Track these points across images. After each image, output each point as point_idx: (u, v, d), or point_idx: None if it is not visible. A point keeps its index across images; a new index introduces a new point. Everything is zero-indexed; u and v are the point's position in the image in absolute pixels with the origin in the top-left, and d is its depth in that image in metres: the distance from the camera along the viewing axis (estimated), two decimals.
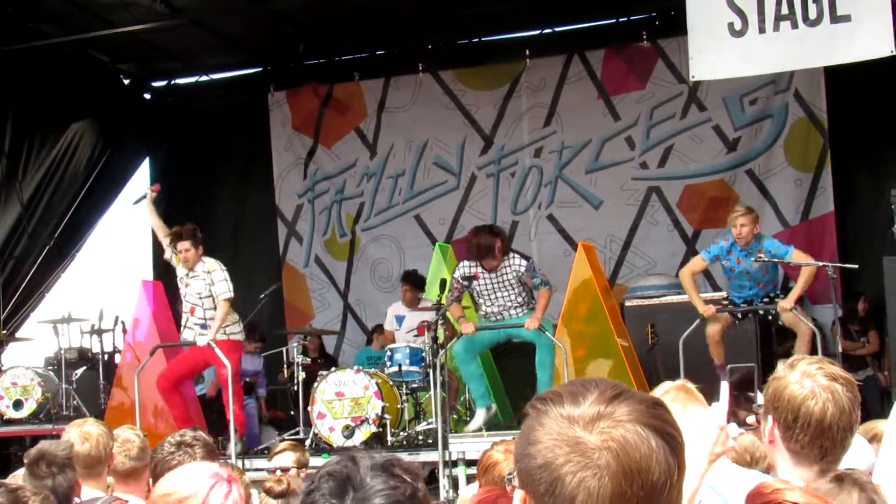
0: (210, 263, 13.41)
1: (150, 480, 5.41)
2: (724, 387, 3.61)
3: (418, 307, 14.95)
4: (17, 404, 15.18)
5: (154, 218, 14.29)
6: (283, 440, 14.47)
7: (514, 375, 13.94)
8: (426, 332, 12.85)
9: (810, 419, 3.47)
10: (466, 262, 13.12)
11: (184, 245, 13.34)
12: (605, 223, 18.31)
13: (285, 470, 6.78)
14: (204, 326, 13.41)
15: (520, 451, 1.96)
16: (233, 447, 12.74)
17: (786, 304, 12.38)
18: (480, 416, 13.14)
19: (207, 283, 13.30)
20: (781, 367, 3.61)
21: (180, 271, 13.62)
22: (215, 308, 13.31)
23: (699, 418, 3.73)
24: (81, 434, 6.56)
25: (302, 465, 7.34)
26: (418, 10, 18.09)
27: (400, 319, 15.54)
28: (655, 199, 18.19)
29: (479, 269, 12.92)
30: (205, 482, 3.80)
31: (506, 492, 3.34)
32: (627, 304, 15.21)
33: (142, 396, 13.51)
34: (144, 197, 14.33)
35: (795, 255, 12.40)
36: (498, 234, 13.28)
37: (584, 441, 1.90)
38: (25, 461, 6.19)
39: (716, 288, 15.49)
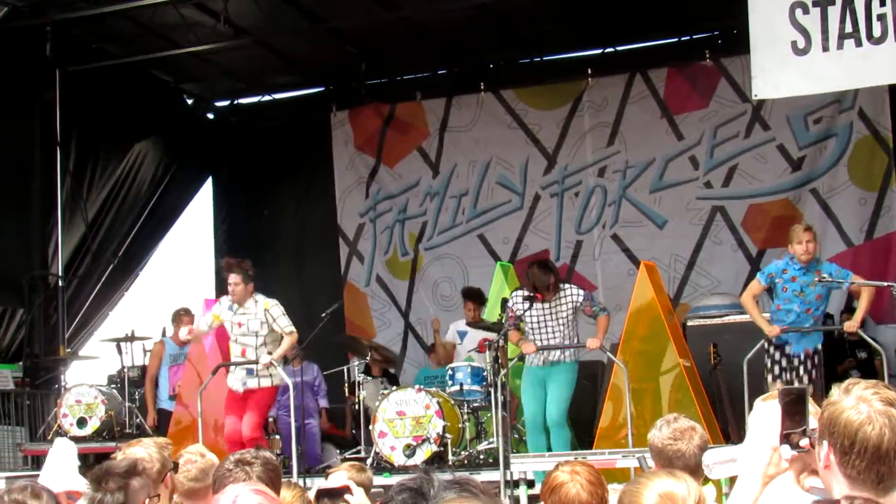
0: (266, 301, 13.28)
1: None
2: (778, 408, 3.55)
3: (480, 325, 14.89)
4: (81, 422, 15.27)
5: (199, 334, 14.14)
6: (345, 459, 14.50)
7: (574, 404, 13.84)
8: (487, 351, 12.79)
9: (867, 445, 3.40)
10: (522, 291, 13.02)
11: (233, 279, 13.22)
12: (669, 243, 18.23)
13: (340, 491, 6.73)
14: (251, 373, 13.31)
15: None
16: (296, 464, 12.73)
17: (852, 325, 12.22)
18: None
19: (263, 320, 13.18)
20: (836, 391, 3.55)
21: (227, 314, 13.46)
22: (265, 344, 13.20)
23: (755, 439, 3.67)
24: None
25: (360, 484, 7.30)
26: (479, 29, 18.09)
27: (462, 335, 15.49)
28: (720, 219, 18.09)
29: (538, 293, 12.82)
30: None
31: None
32: (690, 323, 15.10)
33: (203, 413, 13.54)
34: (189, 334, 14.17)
35: (854, 286, 12.25)
36: (551, 270, 13.16)
37: None
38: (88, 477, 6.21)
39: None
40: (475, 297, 15.64)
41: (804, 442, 3.55)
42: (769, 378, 12.24)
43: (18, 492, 3.62)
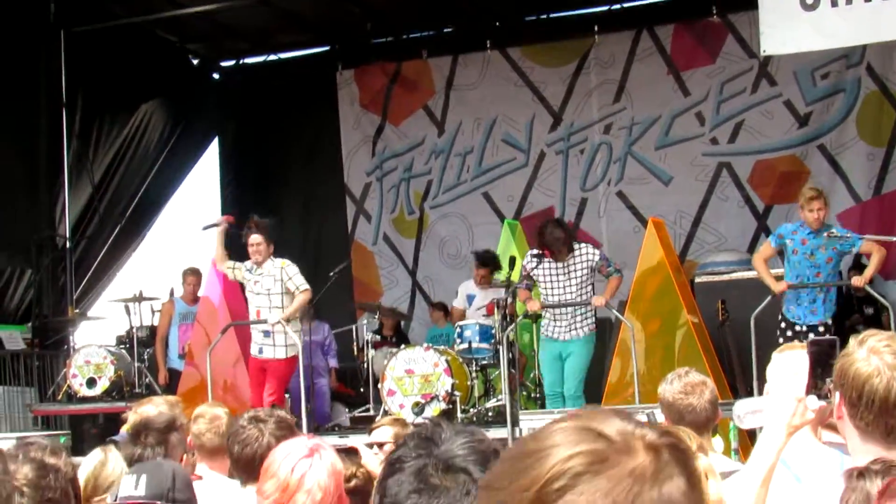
0: (282, 260, 13.34)
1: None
2: (805, 358, 3.56)
3: (489, 286, 14.90)
4: (91, 382, 15.30)
5: (219, 248, 14.06)
6: (354, 418, 14.57)
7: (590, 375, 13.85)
8: (496, 310, 12.82)
9: (874, 397, 3.41)
10: (533, 251, 13.07)
11: (256, 239, 13.22)
12: (675, 199, 18.21)
13: (381, 445, 6.76)
14: (267, 335, 13.34)
15: None
16: (305, 422, 12.78)
17: (860, 280, 12.21)
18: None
19: (279, 278, 13.21)
20: (852, 342, 3.56)
21: (248, 274, 13.49)
22: (281, 306, 13.24)
23: (779, 390, 3.68)
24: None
25: (400, 438, 7.31)
26: None
27: (471, 298, 15.47)
28: (726, 175, 18.07)
29: (548, 253, 12.84)
30: (289, 459, 4.18)
31: None
32: (697, 280, 15.08)
33: (213, 373, 13.60)
34: (216, 225, 14.10)
35: (865, 246, 12.20)
36: (564, 227, 13.21)
37: (643, 462, 1.74)
38: (127, 428, 6.25)
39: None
40: (489, 263, 15.54)
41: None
42: None
43: (36, 450, 3.63)
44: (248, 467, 5.04)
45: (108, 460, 5.49)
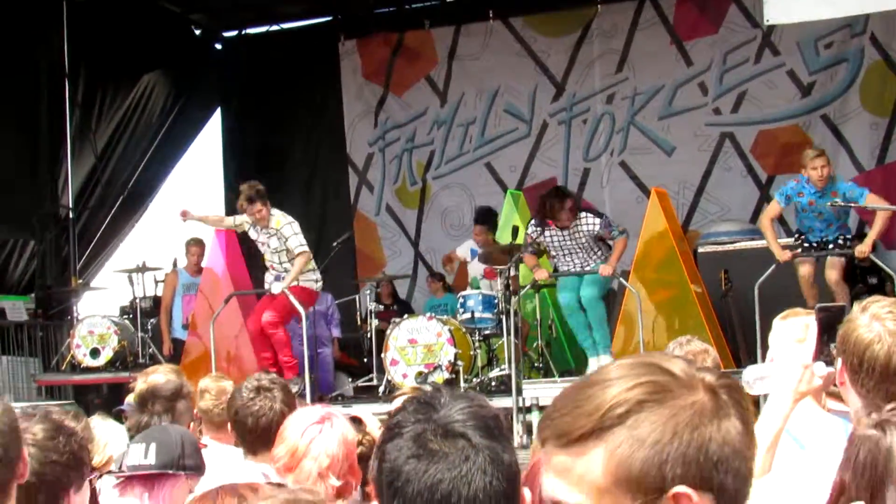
0: (277, 219, 13.32)
1: (229, 427, 5.44)
2: (813, 326, 3.57)
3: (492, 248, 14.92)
4: (94, 352, 15.32)
5: (207, 219, 14.11)
6: (357, 388, 14.60)
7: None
8: (498, 277, 12.83)
9: (874, 363, 3.40)
10: (535, 221, 13.13)
11: (256, 207, 13.23)
12: (677, 169, 18.19)
13: None
14: (278, 278, 13.42)
15: (651, 457, 1.86)
16: (308, 392, 12.81)
17: (863, 248, 12.21)
18: (593, 366, 13.02)
19: (279, 238, 13.27)
20: (856, 308, 3.56)
21: (253, 231, 13.53)
22: (290, 261, 13.31)
23: (784, 356, 3.69)
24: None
25: None
26: None
27: (474, 253, 15.45)
28: (729, 145, 18.05)
29: (551, 221, 12.86)
30: (299, 425, 4.27)
31: None
32: (700, 250, 15.10)
33: (216, 343, 13.62)
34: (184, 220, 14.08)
35: (870, 199, 12.15)
36: (567, 196, 13.23)
37: (702, 399, 1.87)
38: (134, 397, 6.26)
39: (790, 234, 15.33)
40: (487, 220, 15.57)
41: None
42: None
43: (58, 413, 3.64)
44: (264, 437, 5.05)
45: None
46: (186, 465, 4.87)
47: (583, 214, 13.02)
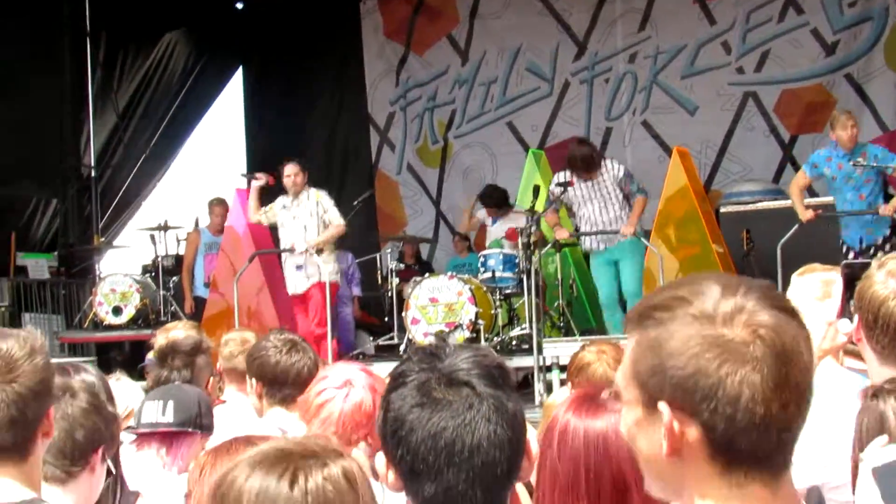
0: (316, 192, 13.21)
1: (254, 381, 5.43)
2: (837, 282, 3.56)
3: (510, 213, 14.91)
4: (117, 310, 15.38)
5: (254, 201, 13.90)
6: (378, 347, 14.62)
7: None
8: (519, 238, 12.81)
9: (889, 320, 3.38)
10: (561, 173, 13.03)
11: (292, 169, 13.07)
12: (700, 129, 18.12)
13: None
14: (300, 268, 13.29)
15: (653, 366, 1.91)
16: (330, 352, 12.80)
17: (888, 209, 12.11)
18: None
19: (314, 212, 13.12)
20: (874, 264, 3.54)
21: (283, 211, 13.34)
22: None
23: (810, 313, 3.67)
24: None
25: None
26: None
27: (493, 219, 15.46)
28: (752, 105, 17.96)
29: (574, 178, 12.80)
30: (321, 384, 4.21)
31: (606, 386, 3.33)
32: (723, 210, 15.06)
33: (238, 300, 13.63)
34: (257, 180, 13.84)
35: None
36: (590, 145, 13.20)
37: (731, 337, 1.86)
38: (154, 353, 6.28)
39: (812, 194, 15.24)
40: (492, 200, 15.52)
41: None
42: None
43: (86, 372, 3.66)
44: (303, 389, 5.04)
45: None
46: (203, 424, 4.91)
47: (606, 161, 12.92)
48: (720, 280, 1.93)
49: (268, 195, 13.70)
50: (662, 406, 1.90)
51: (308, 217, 13.13)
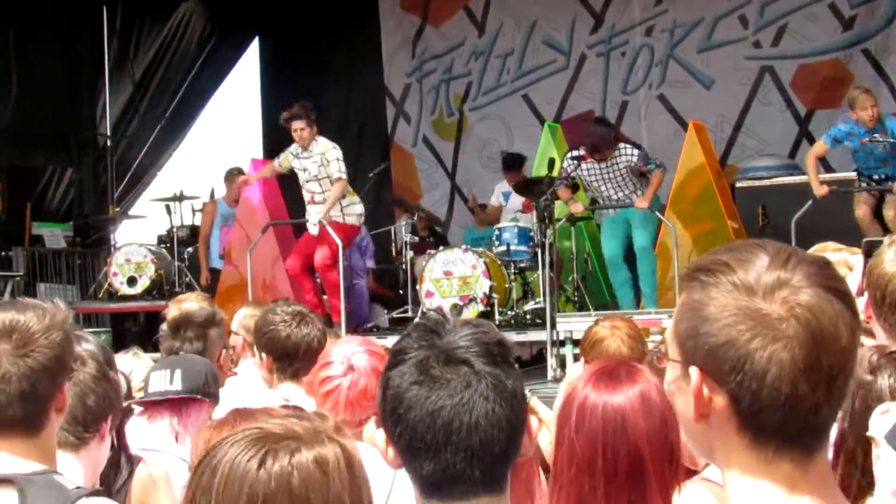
0: (324, 143, 13.07)
1: (263, 355, 5.43)
2: (859, 260, 3.55)
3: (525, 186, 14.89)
4: (131, 281, 15.39)
5: (265, 175, 13.92)
6: (392, 319, 14.62)
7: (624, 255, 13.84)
8: (534, 210, 12.79)
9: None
10: (574, 151, 13.01)
11: (298, 124, 13.02)
12: (716, 103, 18.03)
13: None
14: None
15: (690, 328, 1.91)
16: (343, 327, 12.81)
17: None
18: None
19: (320, 164, 13.07)
20: (885, 241, 3.53)
21: (296, 161, 13.32)
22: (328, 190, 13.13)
23: None
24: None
25: None
26: None
27: (506, 196, 15.48)
28: (768, 79, 17.88)
29: (587, 153, 12.78)
30: (325, 370, 4.22)
31: (625, 361, 3.34)
32: (738, 185, 15.04)
33: (252, 272, 13.63)
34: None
35: None
36: (610, 125, 13.19)
37: (767, 312, 1.85)
38: (167, 324, 6.29)
39: (828, 169, 15.20)
40: (515, 165, 15.57)
41: None
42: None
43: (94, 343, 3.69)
44: (311, 362, 5.04)
45: None
46: (210, 393, 4.94)
47: (621, 146, 12.92)
48: (771, 250, 1.92)
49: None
50: (693, 370, 1.90)
51: (317, 169, 13.08)
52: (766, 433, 1.88)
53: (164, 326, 6.82)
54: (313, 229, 13.06)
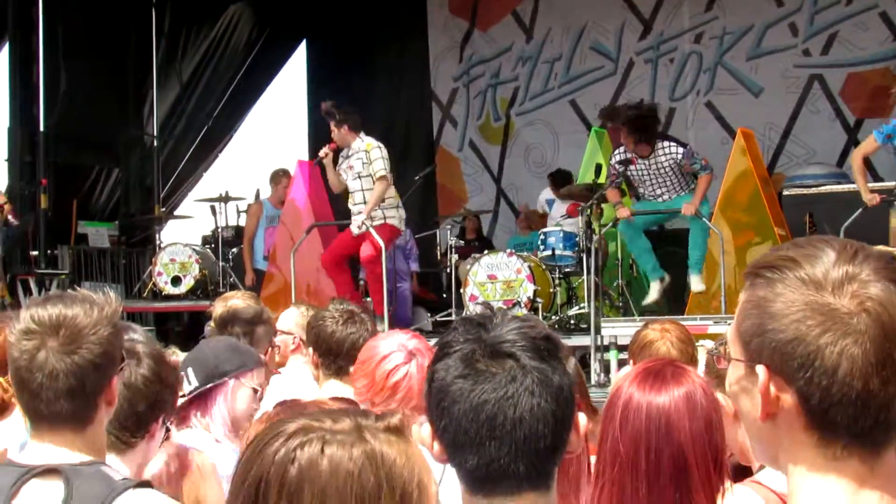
0: (368, 141, 12.95)
1: (311, 350, 5.43)
2: None
3: (570, 193, 14.83)
4: (176, 280, 15.43)
5: (332, 176, 13.75)
6: (436, 322, 14.60)
7: (667, 262, 13.77)
8: (580, 215, 12.74)
9: None
10: (621, 149, 12.86)
11: (331, 127, 13.05)
12: (764, 111, 17.97)
13: None
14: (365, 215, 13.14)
15: (755, 326, 1.87)
16: (386, 329, 12.76)
17: None
18: (655, 288, 12.87)
19: (364, 160, 12.96)
20: None
21: (343, 162, 13.18)
22: (371, 189, 12.99)
23: None
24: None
25: None
26: None
27: (550, 203, 15.45)
28: (817, 88, 17.80)
29: (635, 156, 12.67)
30: (386, 363, 4.20)
31: (671, 361, 3.30)
32: (786, 193, 14.93)
33: (296, 274, 13.62)
34: (323, 158, 13.72)
35: None
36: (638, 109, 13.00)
37: (837, 306, 1.81)
38: (213, 321, 6.28)
39: (877, 178, 15.10)
40: (564, 182, 15.53)
41: None
42: None
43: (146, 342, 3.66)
44: (349, 355, 5.02)
45: None
46: (226, 371, 4.83)
47: (665, 143, 12.72)
48: (837, 245, 1.88)
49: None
50: (759, 369, 1.86)
51: (361, 166, 12.94)
52: (834, 430, 1.84)
53: (210, 324, 6.83)
54: (356, 230, 12.98)
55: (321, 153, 13.42)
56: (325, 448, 1.98)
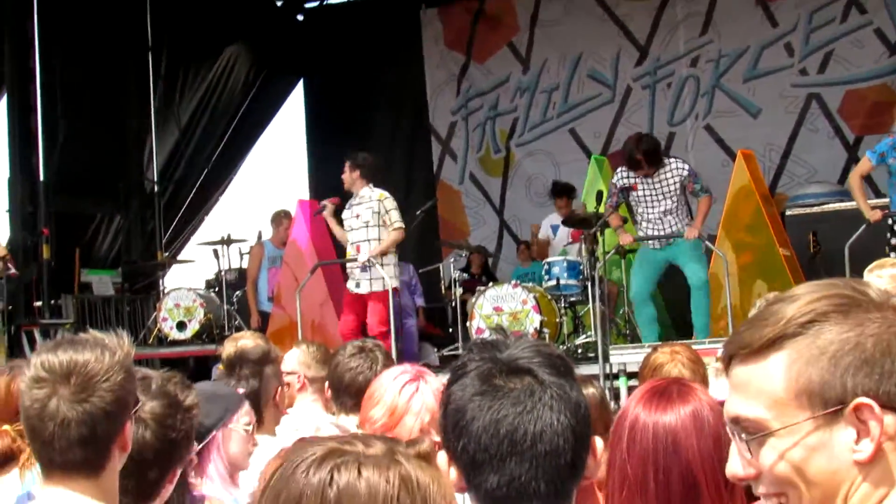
0: (381, 192, 12.91)
1: (326, 385, 5.46)
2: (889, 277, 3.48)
3: (574, 218, 14.77)
4: (181, 325, 15.40)
5: (336, 229, 13.72)
6: (443, 357, 14.55)
7: (672, 290, 13.73)
8: (583, 243, 12.69)
9: None
10: (623, 170, 12.73)
11: (346, 169, 12.99)
12: (763, 132, 17.98)
13: None
14: (365, 269, 13.05)
15: (850, 365, 1.82)
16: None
17: None
18: None
19: (376, 210, 12.85)
20: None
21: (347, 211, 13.12)
22: (378, 238, 12.89)
23: None
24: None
25: None
26: None
27: (555, 229, 15.42)
28: (815, 106, 17.81)
29: (638, 180, 12.58)
30: (395, 383, 4.19)
31: (677, 379, 3.28)
32: (788, 212, 14.91)
33: (301, 314, 13.57)
34: (324, 209, 13.74)
35: None
36: (644, 141, 12.91)
37: None
38: (222, 364, 6.26)
39: (878, 194, 15.08)
40: (565, 192, 15.55)
41: None
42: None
43: (173, 384, 3.58)
44: (358, 395, 5.00)
45: None
46: (211, 425, 4.65)
47: (672, 160, 12.62)
48: (849, 280, 1.90)
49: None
50: (867, 400, 1.79)
51: (370, 215, 12.89)
52: None
53: (219, 366, 6.81)
54: (354, 287, 12.89)
55: (322, 204, 13.44)
56: (361, 470, 1.93)
